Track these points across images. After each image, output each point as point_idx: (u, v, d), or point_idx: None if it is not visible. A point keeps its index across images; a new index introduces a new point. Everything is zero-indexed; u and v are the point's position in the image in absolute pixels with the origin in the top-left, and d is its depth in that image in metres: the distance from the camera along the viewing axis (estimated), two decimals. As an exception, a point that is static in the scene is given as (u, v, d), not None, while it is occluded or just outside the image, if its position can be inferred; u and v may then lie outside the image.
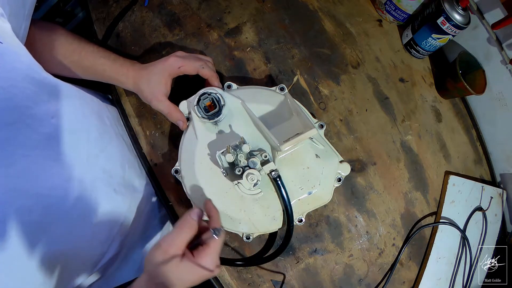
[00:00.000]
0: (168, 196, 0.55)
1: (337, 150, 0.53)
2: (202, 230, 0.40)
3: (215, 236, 0.37)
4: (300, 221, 0.51)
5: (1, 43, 0.30)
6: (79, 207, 0.39)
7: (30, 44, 0.42)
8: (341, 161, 0.52)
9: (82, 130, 0.41)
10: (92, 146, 0.43)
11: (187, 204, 0.54)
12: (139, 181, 0.54)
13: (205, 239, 0.39)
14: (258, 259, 0.52)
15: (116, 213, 0.46)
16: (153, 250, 0.36)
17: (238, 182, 0.42)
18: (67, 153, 0.37)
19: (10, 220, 0.29)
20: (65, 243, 0.36)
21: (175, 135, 0.56)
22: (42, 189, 0.33)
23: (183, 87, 0.52)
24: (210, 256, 0.37)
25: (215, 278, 0.53)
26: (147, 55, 0.59)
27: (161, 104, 0.48)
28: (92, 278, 0.48)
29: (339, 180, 0.52)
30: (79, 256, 0.41)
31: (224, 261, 0.51)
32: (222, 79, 0.58)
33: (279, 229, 0.51)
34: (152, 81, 0.48)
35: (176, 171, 0.50)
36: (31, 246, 0.31)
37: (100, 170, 0.44)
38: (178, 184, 0.52)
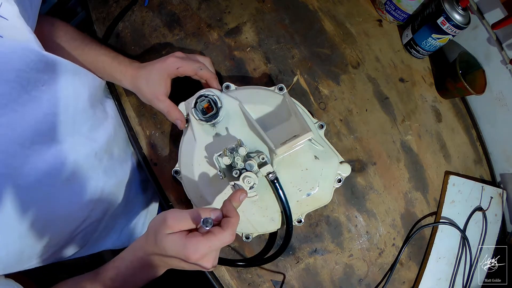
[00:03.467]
0: (168, 196, 0.55)
1: (337, 150, 0.53)
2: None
3: (204, 226, 0.34)
4: (299, 221, 0.51)
5: (7, 19, 0.35)
6: (55, 163, 0.41)
7: None
8: (341, 162, 0.52)
9: (70, 100, 0.43)
10: (79, 115, 0.45)
11: (187, 204, 0.55)
12: (126, 154, 0.57)
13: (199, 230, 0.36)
14: (258, 260, 0.53)
15: (101, 181, 0.49)
16: (157, 217, 0.37)
17: (235, 183, 0.42)
18: (53, 117, 0.40)
19: None
20: (33, 197, 0.38)
21: (175, 135, 0.56)
22: (25, 141, 0.36)
23: (183, 88, 0.52)
24: (199, 243, 0.34)
25: (215, 278, 0.53)
26: (147, 55, 0.59)
27: (161, 103, 0.49)
28: (75, 247, 0.50)
29: (339, 181, 0.52)
30: (62, 216, 0.43)
31: (224, 261, 0.51)
32: (222, 79, 0.58)
33: (278, 229, 0.51)
34: (150, 81, 0.48)
35: (176, 172, 0.50)
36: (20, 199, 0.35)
37: (83, 136, 0.46)
38: (178, 184, 0.52)
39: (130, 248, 0.40)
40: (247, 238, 0.50)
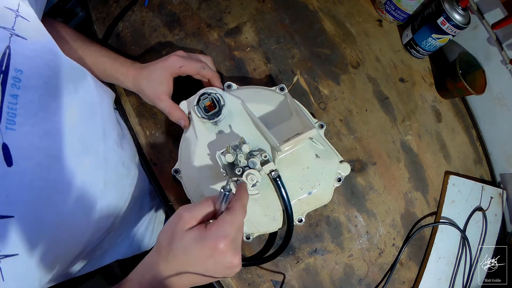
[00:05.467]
0: (168, 196, 0.55)
1: (337, 150, 0.53)
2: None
3: (225, 191, 0.33)
4: (300, 221, 0.51)
5: (28, 21, 0.34)
6: (89, 175, 0.40)
7: None
8: (341, 161, 0.52)
9: (97, 105, 0.44)
10: (106, 120, 0.45)
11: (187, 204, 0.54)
12: (136, 159, 0.57)
13: (218, 210, 0.35)
14: (258, 259, 0.52)
15: (120, 187, 0.48)
16: (168, 222, 0.35)
17: (237, 180, 0.42)
18: (85, 124, 0.40)
19: (30, 174, 0.32)
20: (68, 210, 0.38)
21: (175, 135, 0.56)
22: (59, 153, 0.35)
23: (183, 87, 0.52)
24: (221, 225, 0.32)
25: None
26: (147, 55, 0.59)
27: (163, 103, 0.48)
28: (85, 261, 0.49)
29: (339, 180, 0.52)
30: (85, 230, 0.42)
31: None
32: (222, 79, 0.58)
33: (279, 229, 0.51)
34: (153, 81, 0.48)
35: (176, 171, 0.50)
36: (38, 212, 0.33)
37: (114, 143, 0.46)
38: (178, 184, 0.52)
39: (139, 268, 0.36)
40: (248, 238, 0.50)
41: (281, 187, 0.45)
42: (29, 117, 0.32)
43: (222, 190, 0.34)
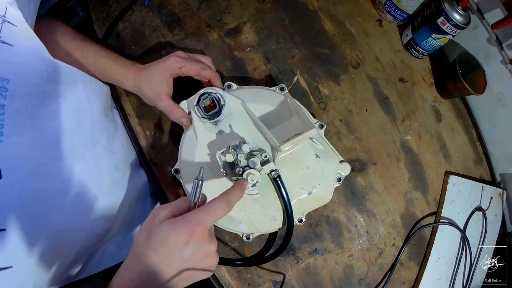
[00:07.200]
0: (168, 196, 0.55)
1: (337, 150, 0.53)
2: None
3: (196, 180, 0.33)
4: (300, 221, 0.51)
5: (15, 26, 0.33)
6: (81, 181, 0.40)
7: None
8: (341, 161, 0.52)
9: (86, 110, 0.44)
10: (95, 125, 0.45)
11: (187, 204, 0.54)
12: (134, 163, 0.56)
13: (190, 199, 0.35)
14: (258, 259, 0.52)
15: (123, 193, 0.48)
16: (142, 225, 0.34)
17: (237, 179, 0.42)
18: (73, 129, 0.39)
19: (20, 184, 0.31)
20: (63, 218, 0.37)
21: (175, 135, 0.56)
22: (49, 160, 0.35)
23: (183, 87, 0.52)
24: (197, 214, 0.32)
25: (215, 278, 0.53)
26: (147, 55, 0.59)
27: (163, 102, 0.48)
28: (88, 262, 0.49)
29: (339, 180, 0.52)
30: (85, 235, 0.42)
31: (224, 261, 0.51)
32: (222, 79, 0.58)
33: (279, 229, 0.51)
34: (153, 81, 0.48)
35: (176, 171, 0.50)
36: (32, 221, 0.33)
37: (103, 148, 0.46)
38: (178, 184, 0.52)
39: (117, 273, 0.34)
40: (248, 238, 0.50)
41: (281, 187, 0.45)
42: (17, 126, 0.32)
43: (195, 179, 0.35)
